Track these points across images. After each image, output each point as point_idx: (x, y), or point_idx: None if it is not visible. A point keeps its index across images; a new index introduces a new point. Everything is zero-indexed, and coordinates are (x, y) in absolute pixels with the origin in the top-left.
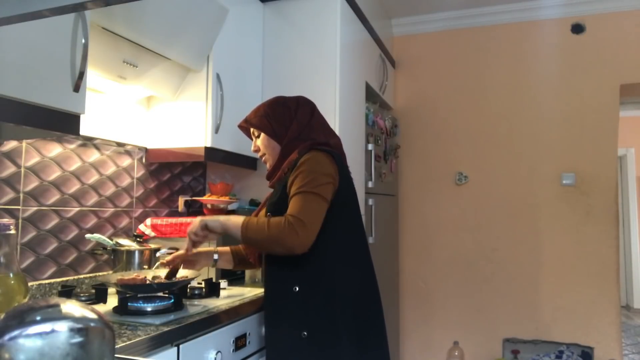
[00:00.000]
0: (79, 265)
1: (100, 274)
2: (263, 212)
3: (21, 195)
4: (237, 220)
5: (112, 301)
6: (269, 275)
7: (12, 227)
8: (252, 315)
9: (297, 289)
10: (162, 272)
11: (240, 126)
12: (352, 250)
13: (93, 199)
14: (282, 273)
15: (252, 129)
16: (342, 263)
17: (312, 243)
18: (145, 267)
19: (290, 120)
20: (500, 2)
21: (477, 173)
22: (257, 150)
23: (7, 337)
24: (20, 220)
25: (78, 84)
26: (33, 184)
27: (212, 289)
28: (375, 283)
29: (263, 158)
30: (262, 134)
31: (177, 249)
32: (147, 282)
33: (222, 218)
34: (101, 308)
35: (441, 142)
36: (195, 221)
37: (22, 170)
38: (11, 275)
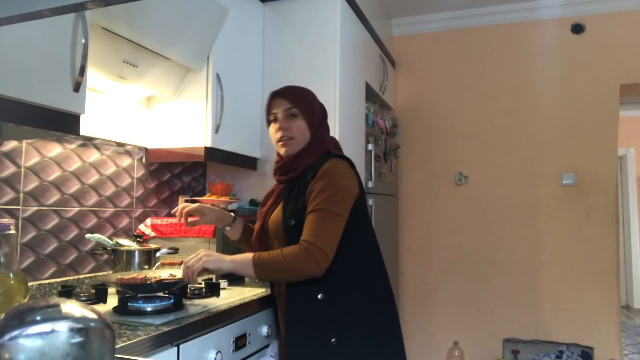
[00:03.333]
0: (79, 265)
1: (100, 274)
2: (277, 215)
3: (21, 195)
4: (245, 259)
5: (112, 301)
6: (289, 284)
7: (12, 227)
8: (252, 315)
9: (322, 296)
10: (162, 273)
11: (276, 93)
12: (369, 256)
13: (93, 199)
14: (304, 282)
15: (290, 108)
16: (363, 269)
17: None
18: (146, 267)
19: (323, 120)
20: (500, 2)
21: (477, 173)
22: (286, 129)
23: (7, 337)
24: (20, 220)
25: (78, 84)
26: (33, 184)
27: (212, 289)
28: (390, 286)
29: (289, 142)
30: (302, 119)
31: (177, 249)
32: (147, 282)
33: (228, 259)
34: (101, 308)
35: (441, 142)
36: (197, 260)
37: (22, 170)
38: (11, 275)
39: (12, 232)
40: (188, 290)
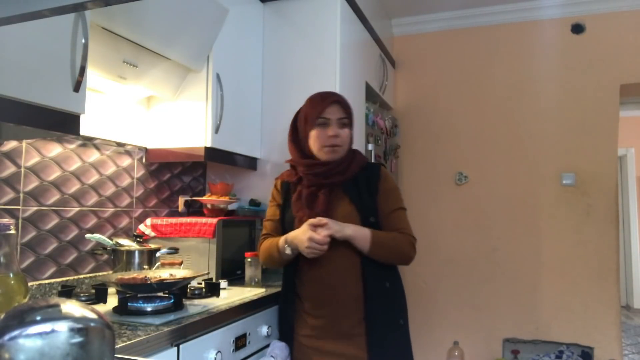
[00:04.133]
0: (79, 265)
1: (100, 274)
2: (349, 213)
3: (21, 195)
4: (364, 232)
5: (112, 301)
6: (368, 274)
7: (12, 227)
8: (252, 315)
9: (388, 285)
10: (162, 273)
11: (335, 100)
12: None
13: (93, 199)
14: (378, 272)
15: (343, 117)
16: None
17: None
18: (146, 267)
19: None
20: (500, 2)
21: (477, 173)
22: (337, 137)
23: (7, 337)
24: (20, 220)
25: (78, 84)
26: (33, 184)
27: (212, 289)
28: None
29: (337, 149)
30: (349, 129)
31: (177, 249)
32: (147, 282)
33: (352, 227)
34: (101, 308)
35: (441, 142)
36: (326, 229)
37: (22, 170)
38: (11, 275)
39: (12, 232)
40: (188, 290)
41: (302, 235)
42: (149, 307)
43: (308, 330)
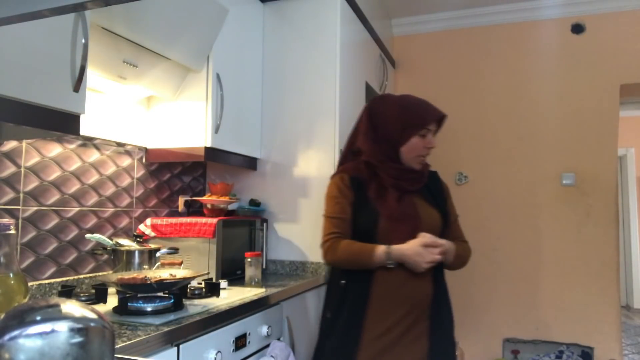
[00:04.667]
0: (79, 265)
1: (100, 274)
2: (435, 217)
3: (21, 195)
4: (452, 246)
5: (112, 301)
6: (438, 275)
7: (12, 227)
8: (252, 315)
9: (446, 284)
10: (162, 273)
11: (444, 116)
12: None
13: (93, 199)
14: (442, 273)
15: (437, 130)
16: None
17: None
18: (146, 267)
19: None
20: (500, 2)
21: (477, 173)
22: (432, 148)
23: (7, 337)
24: (20, 220)
25: (78, 84)
26: (33, 184)
27: (212, 289)
28: None
29: (427, 157)
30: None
31: (177, 249)
32: (147, 282)
33: (448, 244)
34: (101, 308)
35: (441, 142)
36: (442, 248)
37: (22, 170)
38: (11, 275)
39: (12, 232)
40: (188, 290)
41: (417, 257)
42: (149, 307)
43: (378, 329)
